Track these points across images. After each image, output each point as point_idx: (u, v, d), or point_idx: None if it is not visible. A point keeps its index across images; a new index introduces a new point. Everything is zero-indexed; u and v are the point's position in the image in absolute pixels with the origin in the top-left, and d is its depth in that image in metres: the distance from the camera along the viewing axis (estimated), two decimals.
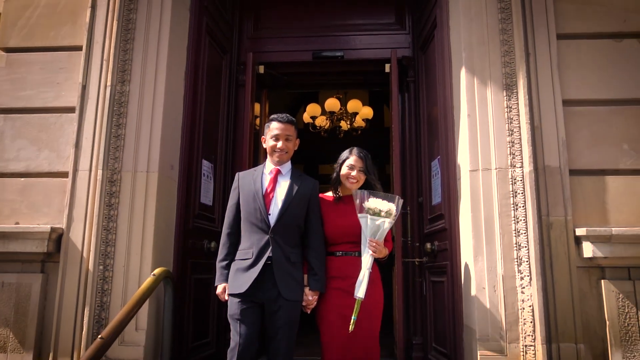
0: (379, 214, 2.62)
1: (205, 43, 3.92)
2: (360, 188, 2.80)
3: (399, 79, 4.51)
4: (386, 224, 2.65)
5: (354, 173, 2.85)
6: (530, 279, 2.81)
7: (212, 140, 4.07)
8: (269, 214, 2.73)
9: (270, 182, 2.81)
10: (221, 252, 2.82)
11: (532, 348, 2.75)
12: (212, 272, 2.94)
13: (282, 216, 2.73)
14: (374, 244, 2.64)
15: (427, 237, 4.00)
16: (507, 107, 3.03)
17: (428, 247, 3.88)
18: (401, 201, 2.71)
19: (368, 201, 2.65)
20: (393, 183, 4.19)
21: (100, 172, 3.10)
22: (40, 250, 3.04)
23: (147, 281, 2.76)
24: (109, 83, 3.22)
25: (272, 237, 2.70)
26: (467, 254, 3.03)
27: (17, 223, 3.15)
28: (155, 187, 3.14)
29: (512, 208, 2.92)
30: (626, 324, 2.77)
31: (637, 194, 2.93)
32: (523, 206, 2.91)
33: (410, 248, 4.26)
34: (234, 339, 2.60)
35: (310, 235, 2.83)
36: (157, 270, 2.85)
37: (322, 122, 7.72)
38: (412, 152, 4.46)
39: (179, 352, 3.22)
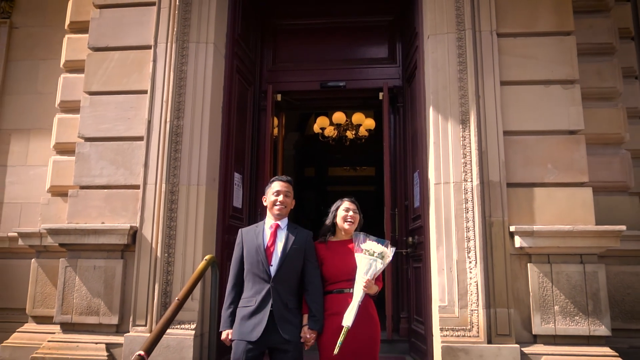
0: (372, 255, 2.94)
1: (235, 80, 5.01)
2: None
3: (390, 104, 5.61)
4: (379, 264, 2.96)
5: (351, 213, 3.18)
6: (476, 262, 3.88)
7: (241, 156, 5.17)
8: (271, 265, 3.02)
9: (270, 236, 3.10)
10: (227, 301, 3.10)
11: (476, 311, 3.82)
12: None
13: (282, 267, 3.01)
14: (366, 281, 2.91)
15: (410, 233, 5.08)
16: (462, 137, 4.09)
17: (410, 241, 4.97)
18: (393, 248, 3.06)
19: (365, 243, 2.99)
20: (385, 189, 5.30)
21: (163, 185, 4.23)
22: (121, 242, 4.18)
23: (202, 264, 3.84)
24: (168, 119, 4.34)
25: (273, 286, 2.98)
26: (433, 245, 4.09)
27: (102, 222, 4.29)
28: (204, 196, 4.25)
29: (464, 211, 3.99)
30: (544, 295, 3.83)
31: (556, 201, 3.97)
32: (472, 210, 3.97)
33: (398, 241, 5.34)
34: None
35: (308, 281, 3.08)
36: (207, 256, 3.93)
37: (330, 132, 8.81)
38: (401, 164, 5.53)
39: (219, 316, 4.33)
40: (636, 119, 5.00)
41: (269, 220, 3.19)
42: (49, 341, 4.14)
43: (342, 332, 2.84)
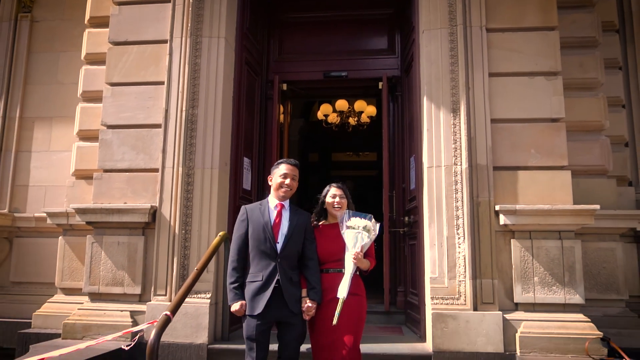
0: (357, 229, 3.16)
1: (244, 72, 5.39)
2: None
3: (389, 93, 5.99)
4: (365, 237, 3.15)
5: (337, 199, 3.39)
6: (464, 238, 4.29)
7: (250, 142, 5.56)
8: (277, 243, 3.20)
9: (277, 215, 3.29)
10: (231, 277, 3.24)
11: (464, 282, 4.23)
12: None
13: (287, 244, 3.21)
14: (355, 253, 3.13)
15: (406, 213, 5.48)
16: (453, 124, 4.47)
17: (406, 220, 5.38)
18: (378, 223, 3.28)
19: (350, 220, 3.21)
20: (383, 172, 5.70)
21: (180, 168, 4.63)
22: (142, 220, 4.60)
23: (216, 240, 4.26)
24: (183, 108, 4.73)
25: (279, 262, 3.16)
26: (426, 223, 4.49)
27: (125, 202, 4.71)
28: (217, 178, 4.66)
29: (454, 192, 4.38)
30: (525, 267, 4.24)
31: (538, 183, 4.35)
32: (461, 191, 4.36)
33: (396, 221, 5.76)
34: (250, 356, 3.13)
35: (307, 257, 3.28)
36: (220, 233, 4.35)
37: (333, 119, 9.18)
38: (399, 149, 5.92)
39: None
40: (618, 107, 5.37)
41: (274, 200, 3.36)
42: (78, 309, 4.59)
43: (339, 303, 3.05)
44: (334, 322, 3.04)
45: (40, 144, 6.12)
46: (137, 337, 3.73)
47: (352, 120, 9.29)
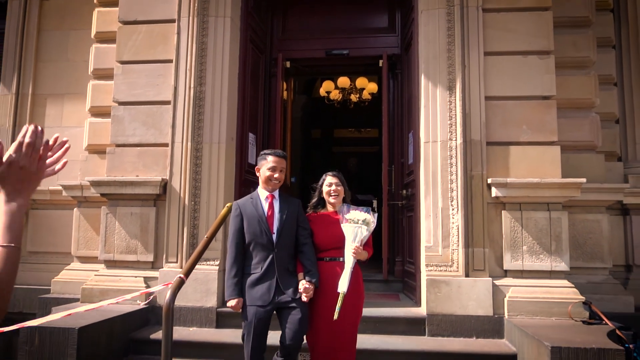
0: (357, 222, 3.17)
1: (249, 50, 5.58)
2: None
3: (389, 70, 6.18)
4: (364, 231, 3.17)
5: (333, 187, 3.41)
6: (458, 210, 4.54)
7: (254, 118, 5.78)
8: (273, 234, 3.27)
9: (269, 207, 3.35)
10: (230, 272, 3.28)
11: (457, 250, 4.51)
12: None
13: (281, 234, 3.27)
14: (354, 248, 3.14)
15: (405, 186, 5.74)
16: (449, 101, 4.68)
17: (404, 193, 5.63)
18: (375, 214, 3.29)
19: (349, 213, 3.23)
20: (383, 147, 5.93)
21: (189, 143, 4.87)
22: (153, 192, 4.86)
23: (223, 210, 4.47)
24: (191, 85, 4.94)
25: (276, 252, 3.24)
26: (422, 195, 4.74)
27: (137, 175, 4.97)
28: (224, 153, 4.90)
29: (449, 166, 4.62)
30: (514, 237, 4.50)
31: (529, 158, 4.58)
32: (455, 165, 4.60)
33: (395, 194, 6.01)
34: (247, 343, 3.18)
35: (301, 243, 3.32)
36: (228, 204, 4.58)
37: (335, 95, 9.36)
38: (399, 125, 6.14)
39: None
40: (610, 85, 5.56)
41: (263, 192, 3.40)
42: (95, 275, 4.89)
43: (340, 298, 3.06)
44: (335, 316, 3.06)
45: (53, 120, 6.35)
46: (152, 297, 4.01)
47: (353, 97, 9.47)
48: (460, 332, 4.37)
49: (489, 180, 4.54)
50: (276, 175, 3.34)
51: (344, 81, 8.99)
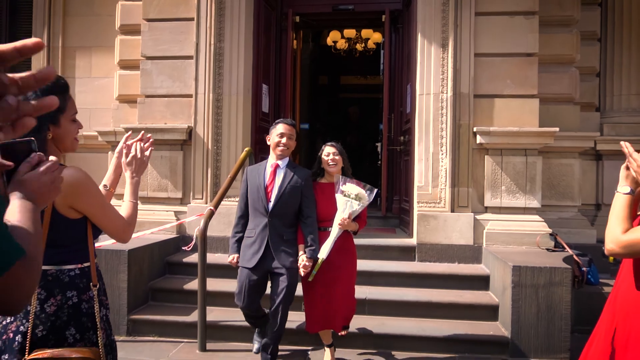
0: (349, 196, 3.27)
1: (262, 6, 6.08)
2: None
3: (391, 25, 6.68)
4: (355, 205, 3.26)
5: (331, 157, 3.50)
6: (446, 154, 5.21)
7: (267, 70, 6.36)
8: (269, 202, 3.40)
9: (270, 175, 3.46)
10: (235, 228, 3.55)
11: (444, 189, 5.21)
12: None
13: (278, 203, 3.39)
14: (341, 219, 3.29)
15: (403, 133, 6.38)
16: (441, 58, 5.24)
17: (402, 139, 6.29)
18: (374, 192, 3.41)
19: (345, 185, 3.32)
20: (384, 97, 6.53)
21: (211, 95, 5.50)
22: (180, 138, 5.55)
23: (242, 154, 5.19)
24: (212, 42, 5.51)
25: (270, 220, 3.37)
26: (416, 141, 5.39)
27: (165, 123, 5.64)
28: (242, 103, 5.54)
29: (440, 116, 5.24)
30: (495, 178, 5.18)
31: (511, 109, 5.18)
32: (446, 115, 5.22)
33: (394, 140, 6.67)
34: (238, 301, 3.48)
35: (305, 215, 3.43)
36: (246, 148, 5.27)
37: (341, 45, 9.81)
38: (399, 77, 6.70)
39: None
40: (594, 40, 6.06)
41: (271, 160, 3.55)
42: None
43: (317, 264, 3.27)
44: (310, 279, 3.31)
45: (82, 71, 6.94)
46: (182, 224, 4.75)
47: (359, 47, 9.91)
48: (445, 258, 5.15)
49: (475, 129, 5.16)
50: (283, 140, 3.44)
51: (350, 32, 9.42)
